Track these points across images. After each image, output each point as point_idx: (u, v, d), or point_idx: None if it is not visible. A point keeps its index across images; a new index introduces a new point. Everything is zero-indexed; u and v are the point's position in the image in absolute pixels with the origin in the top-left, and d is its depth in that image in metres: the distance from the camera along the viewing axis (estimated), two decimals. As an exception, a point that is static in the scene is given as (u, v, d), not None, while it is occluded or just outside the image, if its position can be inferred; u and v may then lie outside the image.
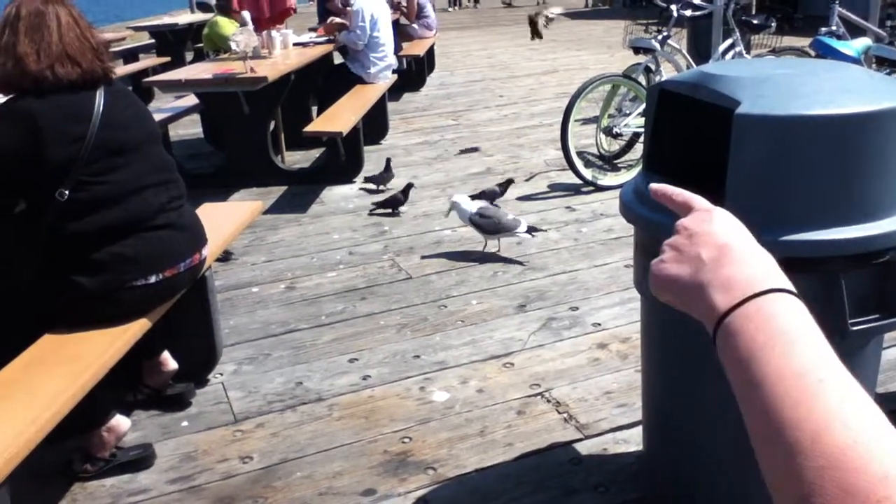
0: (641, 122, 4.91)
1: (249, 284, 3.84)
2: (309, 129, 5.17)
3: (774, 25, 5.91)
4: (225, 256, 4.04)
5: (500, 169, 5.70)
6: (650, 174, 1.98)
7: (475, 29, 16.73)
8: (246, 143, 5.46)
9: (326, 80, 6.52)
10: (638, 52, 5.62)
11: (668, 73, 5.47)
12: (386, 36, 6.41)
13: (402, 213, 4.79)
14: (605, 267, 3.84)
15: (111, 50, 2.68)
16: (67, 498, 2.33)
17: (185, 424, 2.67)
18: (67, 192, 2.22)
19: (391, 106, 7.37)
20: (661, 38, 5.45)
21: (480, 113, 7.80)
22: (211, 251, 2.68)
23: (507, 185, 4.83)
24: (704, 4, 5.75)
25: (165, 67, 8.16)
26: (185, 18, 11.24)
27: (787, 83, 1.72)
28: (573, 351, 3.04)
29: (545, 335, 3.18)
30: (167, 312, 2.53)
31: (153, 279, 2.36)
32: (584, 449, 2.44)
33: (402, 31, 9.35)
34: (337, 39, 6.41)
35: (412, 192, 4.82)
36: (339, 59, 6.93)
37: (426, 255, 4.12)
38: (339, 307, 3.53)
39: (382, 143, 6.68)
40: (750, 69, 1.91)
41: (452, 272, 3.87)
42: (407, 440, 2.52)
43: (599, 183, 5.06)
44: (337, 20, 6.63)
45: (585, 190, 5.02)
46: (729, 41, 5.70)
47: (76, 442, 2.36)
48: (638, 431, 2.41)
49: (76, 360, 2.12)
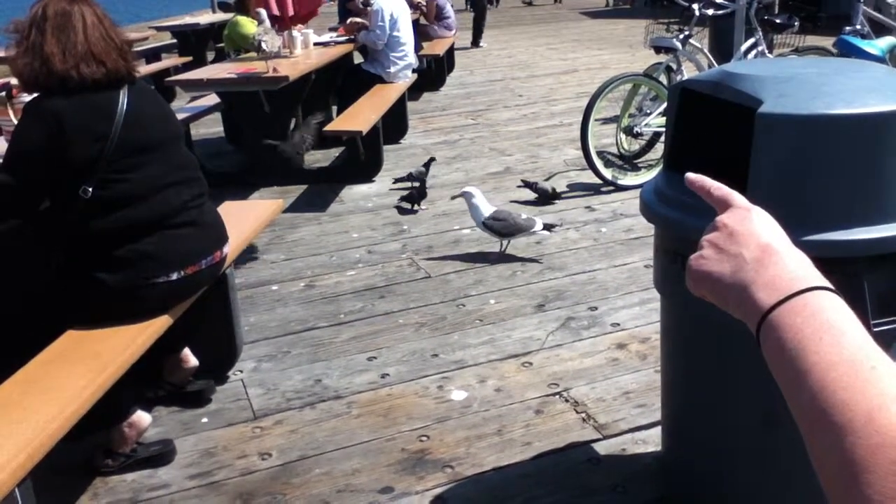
0: (662, 121, 4.88)
1: (269, 282, 3.87)
2: (329, 128, 5.19)
3: (797, 24, 5.85)
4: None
5: (519, 168, 5.70)
6: (671, 174, 1.97)
7: (495, 28, 16.70)
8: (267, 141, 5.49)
9: (346, 79, 6.54)
10: (659, 51, 5.58)
11: (689, 72, 5.44)
12: (406, 35, 6.42)
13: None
14: (624, 267, 3.83)
15: (134, 49, 2.71)
16: (89, 492, 2.36)
17: (205, 421, 2.69)
18: (91, 189, 2.24)
19: (411, 105, 7.39)
20: (682, 37, 5.42)
21: (500, 112, 7.79)
22: (232, 249, 2.70)
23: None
24: (727, 3, 5.70)
25: (187, 67, 8.22)
26: (206, 18, 11.33)
27: (809, 82, 1.70)
28: (592, 351, 3.03)
29: (564, 335, 3.17)
30: (188, 309, 2.55)
31: (175, 276, 2.38)
32: (602, 449, 2.43)
33: (421, 31, 9.36)
34: (357, 39, 6.43)
35: (420, 192, 4.85)
36: (359, 58, 6.96)
37: (445, 254, 4.13)
38: (357, 305, 3.55)
39: (402, 142, 6.69)
40: (772, 68, 1.89)
41: (471, 271, 3.87)
42: (425, 438, 2.52)
43: (619, 183, 5.04)
44: (357, 20, 6.65)
45: (605, 190, 5.00)
46: (751, 40, 5.65)
47: (98, 437, 2.39)
48: (657, 432, 2.40)
49: (98, 356, 2.14)
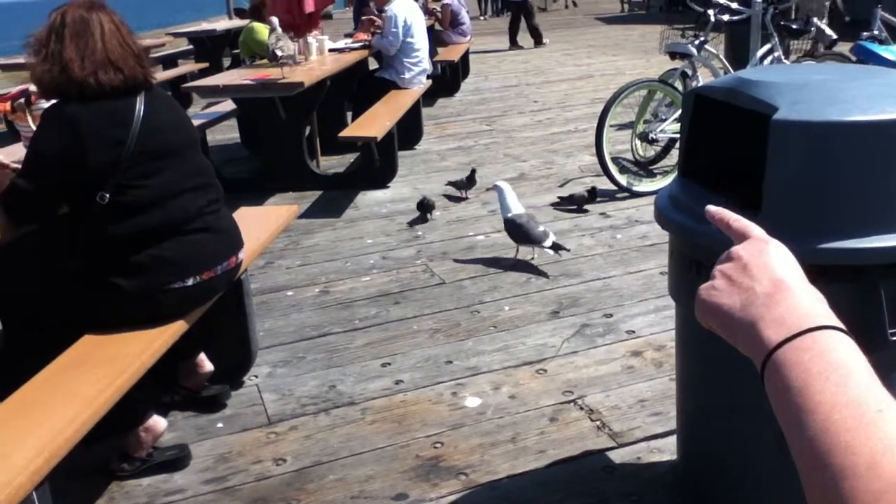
0: (678, 127, 4.86)
1: (284, 288, 3.88)
2: (344, 134, 5.21)
3: (814, 30, 5.82)
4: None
5: (533, 174, 5.69)
6: (686, 180, 1.96)
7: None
8: (282, 148, 5.52)
9: (361, 85, 6.57)
10: (674, 57, 5.57)
11: (704, 78, 5.42)
12: (420, 41, 6.43)
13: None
14: (639, 274, 3.82)
15: (151, 56, 2.73)
16: (105, 496, 2.38)
17: (220, 426, 2.71)
18: (108, 195, 2.26)
19: (425, 111, 7.40)
20: (697, 43, 5.40)
21: (515, 118, 7.79)
22: (247, 254, 2.72)
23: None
24: (742, 9, 5.68)
25: (203, 73, 8.28)
26: (222, 24, 11.42)
27: (825, 89, 1.69)
28: (607, 358, 3.02)
29: (579, 342, 3.16)
30: (204, 315, 2.56)
31: (191, 282, 2.40)
32: (617, 457, 2.42)
33: (436, 36, 9.39)
34: (371, 45, 6.45)
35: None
36: (374, 64, 6.98)
37: (459, 260, 4.13)
38: (372, 311, 3.55)
39: (416, 147, 6.71)
40: (787, 75, 1.88)
41: (485, 278, 3.87)
42: (439, 445, 2.52)
43: (635, 189, 5.02)
44: (374, 17, 6.64)
45: (620, 196, 4.99)
46: (767, 46, 5.63)
47: (114, 441, 2.41)
48: (672, 440, 2.38)
49: (114, 360, 2.15)
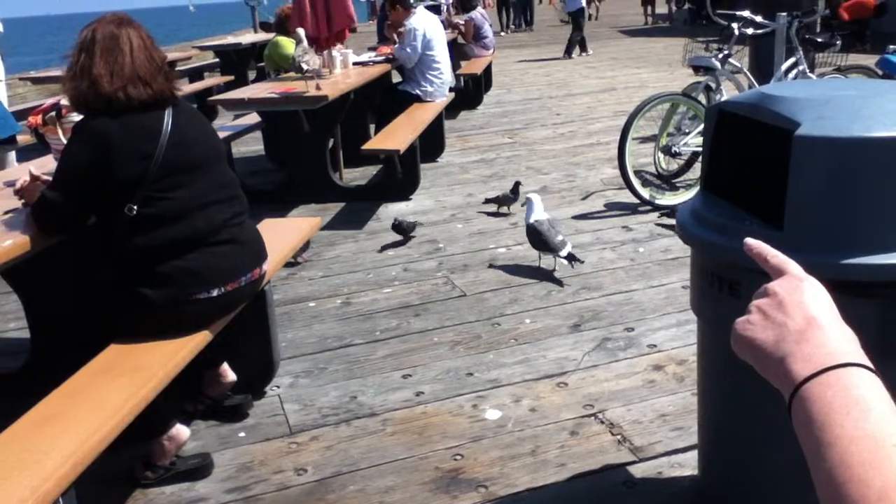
0: (701, 141, 4.84)
1: (306, 299, 3.91)
2: (367, 146, 5.25)
3: (839, 43, 5.78)
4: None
5: (555, 187, 5.70)
6: (709, 195, 1.96)
7: (533, 47, 16.77)
8: (305, 160, 5.57)
9: (385, 98, 6.62)
10: (698, 70, 5.56)
11: (728, 91, 5.41)
12: (441, 55, 6.47)
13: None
14: (661, 288, 3.80)
15: (177, 69, 2.78)
16: (129, 503, 2.40)
17: (242, 435, 2.73)
18: (136, 207, 2.30)
19: (448, 124, 7.44)
20: (721, 56, 5.38)
21: (537, 131, 7.80)
22: (271, 266, 2.74)
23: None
24: (767, 22, 5.66)
25: (229, 86, 8.38)
26: (248, 38, 11.56)
27: (849, 104, 1.69)
28: (628, 372, 3.01)
29: (600, 355, 3.16)
30: (228, 325, 2.59)
31: (215, 292, 2.43)
32: (638, 472, 2.41)
33: (459, 50, 9.44)
34: (393, 54, 6.50)
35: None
36: (397, 77, 7.03)
37: (480, 272, 4.14)
38: (393, 323, 3.57)
39: (439, 160, 6.74)
40: (811, 90, 1.88)
41: (506, 290, 3.88)
42: (459, 457, 2.52)
43: (657, 202, 5.01)
44: (395, 27, 6.70)
45: (643, 209, 4.98)
46: (792, 59, 5.60)
47: (138, 449, 2.44)
48: (694, 455, 2.37)
49: (140, 370, 2.19)
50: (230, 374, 2.82)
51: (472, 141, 7.52)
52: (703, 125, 4.82)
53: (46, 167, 2.73)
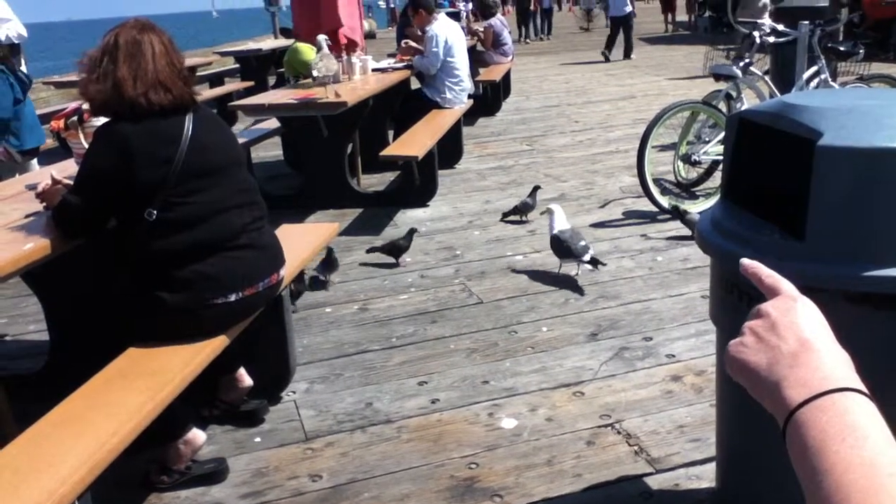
0: (721, 149, 4.81)
1: (323, 304, 3.92)
2: (385, 153, 5.26)
3: (862, 52, 5.73)
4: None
5: (574, 195, 5.68)
6: (729, 204, 1.95)
7: (552, 54, 16.76)
8: (324, 165, 5.59)
9: (403, 104, 6.63)
10: (719, 78, 5.53)
11: (749, 100, 5.37)
12: (461, 61, 6.48)
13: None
14: (680, 297, 3.77)
15: (198, 74, 2.79)
16: (144, 507, 2.41)
17: (257, 440, 2.73)
18: (156, 211, 2.31)
19: (466, 130, 7.44)
20: (742, 64, 5.35)
21: (555, 138, 7.79)
22: (288, 271, 2.75)
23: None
24: (789, 31, 5.62)
25: (249, 91, 8.43)
26: (268, 44, 11.64)
27: (871, 114, 1.67)
28: (646, 382, 2.99)
29: (617, 365, 3.13)
30: (244, 330, 2.60)
31: (233, 297, 2.44)
32: (654, 483, 2.39)
33: (478, 57, 9.44)
34: (413, 65, 6.52)
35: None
36: (416, 84, 7.04)
37: (497, 279, 4.13)
38: (409, 329, 3.57)
39: (457, 167, 6.74)
40: (833, 99, 1.86)
41: (523, 298, 3.86)
42: (474, 466, 2.51)
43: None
44: (412, 44, 6.74)
45: (661, 218, 4.95)
46: (814, 68, 5.55)
47: (154, 453, 2.45)
48: (711, 468, 2.34)
49: (157, 374, 2.20)
50: (247, 379, 2.82)
51: (490, 148, 7.51)
52: (723, 134, 4.81)
53: (68, 171, 2.75)
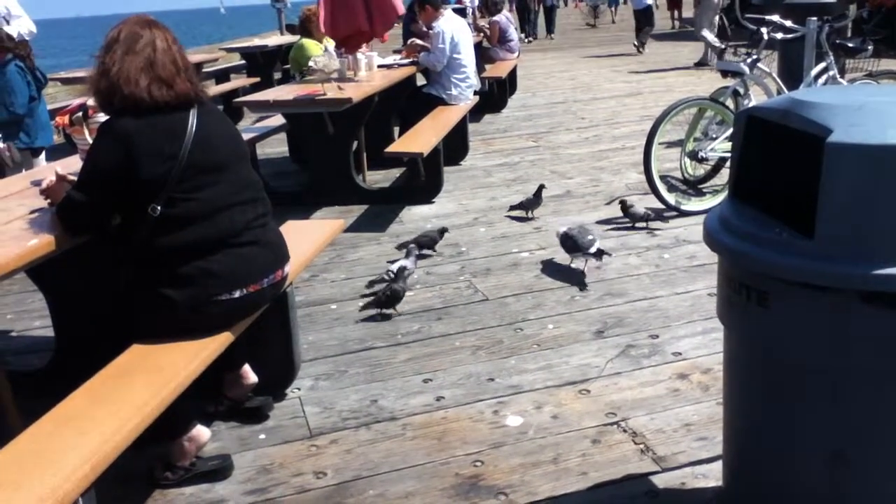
0: (728, 146, 4.79)
1: (328, 301, 3.91)
2: (390, 149, 5.25)
3: (871, 49, 5.68)
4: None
5: (580, 192, 5.66)
6: (737, 202, 1.93)
7: (558, 51, 16.72)
8: (329, 162, 5.58)
9: (409, 101, 6.61)
10: (726, 75, 5.49)
11: (756, 96, 5.34)
12: (467, 58, 6.47)
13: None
14: (687, 295, 3.75)
15: (204, 70, 2.79)
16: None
17: (262, 437, 2.73)
18: (160, 207, 2.31)
19: (472, 127, 7.42)
20: (750, 61, 5.32)
21: (562, 135, 7.77)
22: (293, 268, 2.74)
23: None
24: (797, 27, 5.58)
25: (255, 87, 8.43)
26: (274, 40, 11.63)
27: (881, 111, 1.65)
28: (652, 380, 2.97)
29: (623, 363, 3.12)
30: (249, 327, 2.59)
31: (237, 294, 2.43)
32: (660, 482, 2.38)
33: (484, 53, 9.43)
34: (419, 61, 6.50)
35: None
36: (421, 80, 7.03)
37: (503, 276, 4.11)
38: (415, 327, 3.56)
39: (462, 163, 6.72)
40: (843, 96, 1.84)
41: (529, 295, 3.85)
42: (479, 464, 2.50)
43: (683, 208, 4.95)
44: (418, 42, 6.73)
45: (668, 215, 4.93)
46: (822, 65, 5.52)
47: (158, 450, 2.44)
48: (718, 466, 2.33)
49: (161, 370, 2.19)
50: (251, 375, 2.82)
51: (495, 144, 7.49)
52: (730, 130, 4.79)
53: (73, 167, 2.75)
